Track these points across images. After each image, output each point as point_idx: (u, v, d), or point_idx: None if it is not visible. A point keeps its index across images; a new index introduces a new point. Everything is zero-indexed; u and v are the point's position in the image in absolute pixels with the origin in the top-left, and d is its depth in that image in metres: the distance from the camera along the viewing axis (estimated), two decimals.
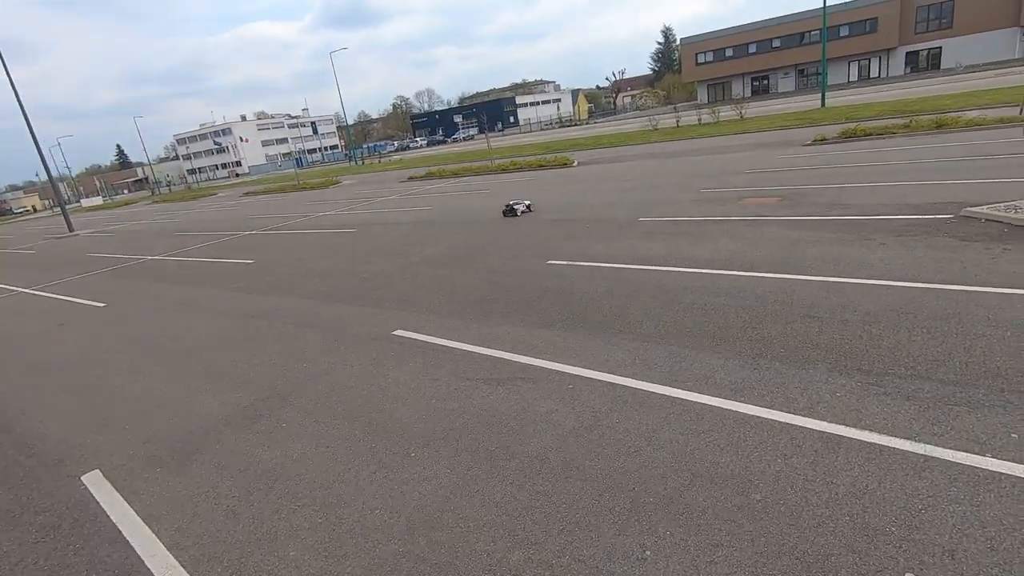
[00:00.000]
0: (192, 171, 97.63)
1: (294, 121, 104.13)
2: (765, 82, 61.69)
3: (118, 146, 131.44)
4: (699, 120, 30.70)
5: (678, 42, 79.11)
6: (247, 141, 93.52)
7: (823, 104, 29.59)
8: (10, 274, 15.86)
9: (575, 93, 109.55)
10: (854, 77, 55.91)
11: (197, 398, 4.97)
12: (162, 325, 7.70)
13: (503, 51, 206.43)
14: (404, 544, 2.80)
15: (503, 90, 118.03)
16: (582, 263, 7.45)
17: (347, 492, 3.28)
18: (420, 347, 5.37)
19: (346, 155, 73.25)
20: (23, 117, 25.81)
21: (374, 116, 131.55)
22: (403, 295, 7.24)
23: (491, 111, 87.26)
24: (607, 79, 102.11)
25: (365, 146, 78.17)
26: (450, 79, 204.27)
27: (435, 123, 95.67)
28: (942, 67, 51.47)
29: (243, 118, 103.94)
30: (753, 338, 4.51)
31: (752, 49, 59.87)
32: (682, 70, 68.44)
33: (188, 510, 3.36)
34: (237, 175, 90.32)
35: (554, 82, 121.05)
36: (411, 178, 26.94)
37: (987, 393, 3.33)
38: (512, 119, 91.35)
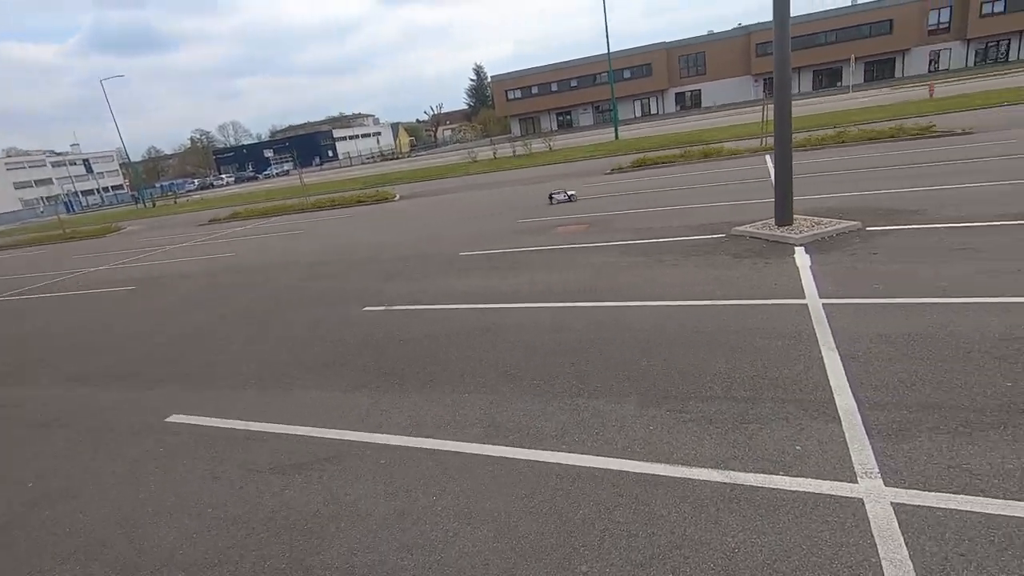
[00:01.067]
0: None
1: (59, 159, 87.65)
2: (568, 117, 68.00)
3: None
4: (514, 152, 32.40)
5: (489, 79, 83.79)
6: None
7: (616, 137, 33.30)
8: None
9: (395, 126, 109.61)
10: (639, 113, 64.37)
11: None
12: None
13: (317, 83, 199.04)
14: None
15: (319, 123, 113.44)
16: (401, 307, 6.97)
17: None
18: (201, 435, 4.38)
19: (133, 196, 63.39)
20: None
21: (167, 151, 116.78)
22: (186, 366, 6.03)
23: (306, 145, 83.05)
24: (425, 112, 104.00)
25: (158, 185, 68.68)
26: (260, 112, 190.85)
27: (243, 158, 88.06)
28: (703, 105, 61.65)
29: None
30: (571, 373, 4.43)
31: (555, 87, 65.72)
32: (495, 105, 72.40)
33: None
34: None
35: (373, 115, 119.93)
36: (213, 220, 24.00)
37: (772, 406, 3.57)
38: (331, 153, 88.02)
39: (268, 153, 73.43)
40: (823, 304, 5.05)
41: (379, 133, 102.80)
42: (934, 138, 14.94)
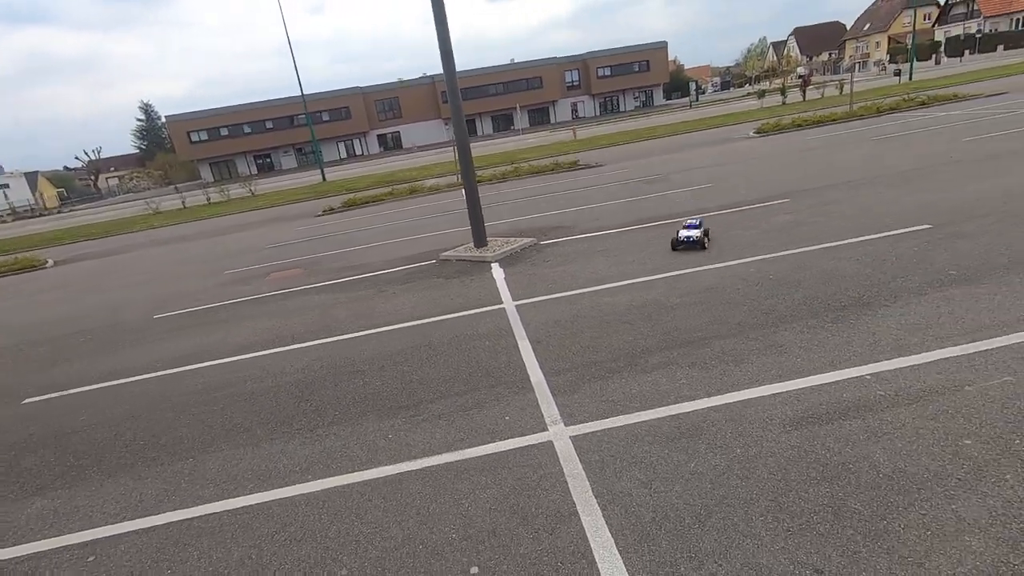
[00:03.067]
0: None
1: None
2: (268, 159, 64.25)
3: None
4: (208, 199, 29.23)
5: (164, 119, 73.48)
6: None
7: (323, 179, 33.02)
8: None
9: (32, 176, 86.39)
10: (344, 154, 64.79)
11: None
12: None
13: None
14: None
15: None
16: (79, 389, 5.80)
17: None
18: None
19: None
20: None
21: None
22: None
23: None
24: (78, 159, 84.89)
25: None
26: None
27: None
28: (404, 146, 65.55)
29: None
30: (308, 410, 4.47)
31: (248, 129, 61.41)
32: (175, 148, 63.81)
33: None
34: None
35: None
36: None
37: (487, 392, 4.29)
38: None
39: None
40: (515, 305, 6.19)
41: (7, 185, 79.56)
42: (579, 170, 19.19)
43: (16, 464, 4.37)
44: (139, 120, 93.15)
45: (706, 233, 7.27)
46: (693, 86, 71.19)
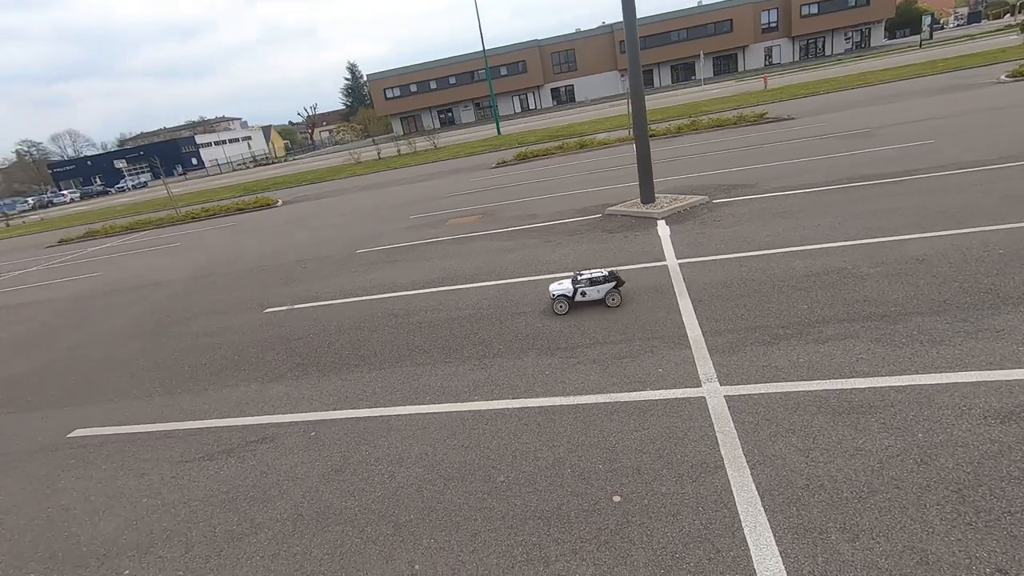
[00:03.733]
0: None
1: None
2: (450, 114, 68.39)
3: None
4: (398, 151, 32.31)
5: (365, 78, 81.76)
6: None
7: (498, 132, 34.36)
8: None
9: (267, 130, 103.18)
10: (518, 108, 66.33)
11: None
12: None
13: (167, 86, 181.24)
14: None
15: (177, 129, 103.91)
16: (304, 305, 7.11)
17: None
18: (113, 442, 4.37)
19: None
20: None
21: None
22: (75, 387, 5.78)
23: (166, 152, 75.72)
24: (299, 114, 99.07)
25: None
26: (99, 119, 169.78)
27: (88, 171, 78.38)
28: (576, 100, 64.95)
29: None
30: (476, 342, 4.99)
31: (433, 85, 65.72)
32: (374, 104, 70.92)
33: None
34: None
35: (240, 119, 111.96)
36: (62, 241, 21.53)
37: (642, 343, 4.38)
38: (195, 161, 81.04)
39: (119, 164, 65.85)
40: (679, 263, 6.06)
41: (249, 138, 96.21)
42: (767, 123, 17.38)
43: (261, 357, 5.60)
44: (346, 79, 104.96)
45: (615, 283, 5.16)
46: (927, 20, 58.54)
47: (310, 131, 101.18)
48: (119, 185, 68.34)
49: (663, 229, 7.54)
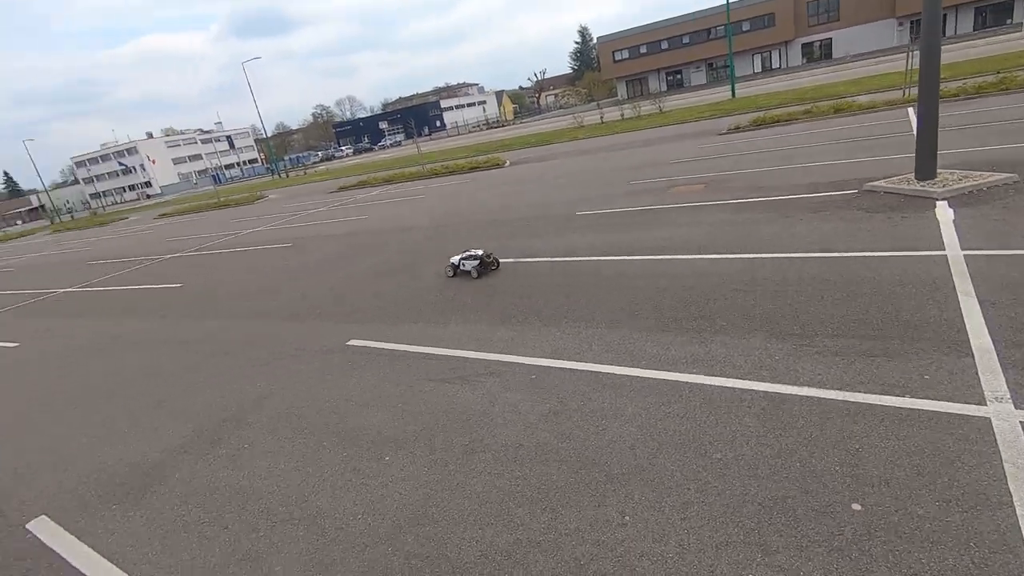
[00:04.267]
0: (96, 195, 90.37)
1: (207, 136, 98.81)
2: (679, 76, 64.69)
3: (4, 173, 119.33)
4: (622, 115, 31.84)
5: (595, 40, 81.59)
6: (155, 162, 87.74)
7: (733, 95, 31.47)
8: None
9: (499, 94, 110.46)
10: (758, 68, 59.65)
11: (144, 431, 4.73)
12: (88, 360, 7.20)
13: (425, 55, 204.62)
14: (392, 543, 2.84)
15: (427, 94, 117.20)
16: (527, 259, 7.63)
17: (325, 502, 3.27)
18: (377, 354, 5.35)
19: (268, 168, 70.31)
20: None
21: (294, 127, 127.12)
22: (350, 306, 7.15)
23: (417, 116, 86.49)
24: (529, 79, 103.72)
25: (287, 158, 75.40)
26: (372, 86, 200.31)
27: (360, 131, 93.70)
28: (834, 56, 55.75)
29: (149, 135, 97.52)
30: (697, 315, 4.82)
31: (664, 46, 62.62)
32: (601, 68, 70.56)
33: (156, 543, 3.23)
34: (148, 196, 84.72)
35: (478, 84, 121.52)
36: (341, 188, 26.32)
37: (900, 343, 3.75)
38: (439, 123, 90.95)
39: (383, 125, 77.64)
40: (964, 255, 4.96)
41: (484, 102, 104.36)
42: None
43: (491, 303, 6.22)
44: (576, 43, 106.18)
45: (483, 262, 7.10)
46: None
47: (537, 95, 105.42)
48: (381, 143, 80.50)
49: (944, 212, 6.20)
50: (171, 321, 8.27)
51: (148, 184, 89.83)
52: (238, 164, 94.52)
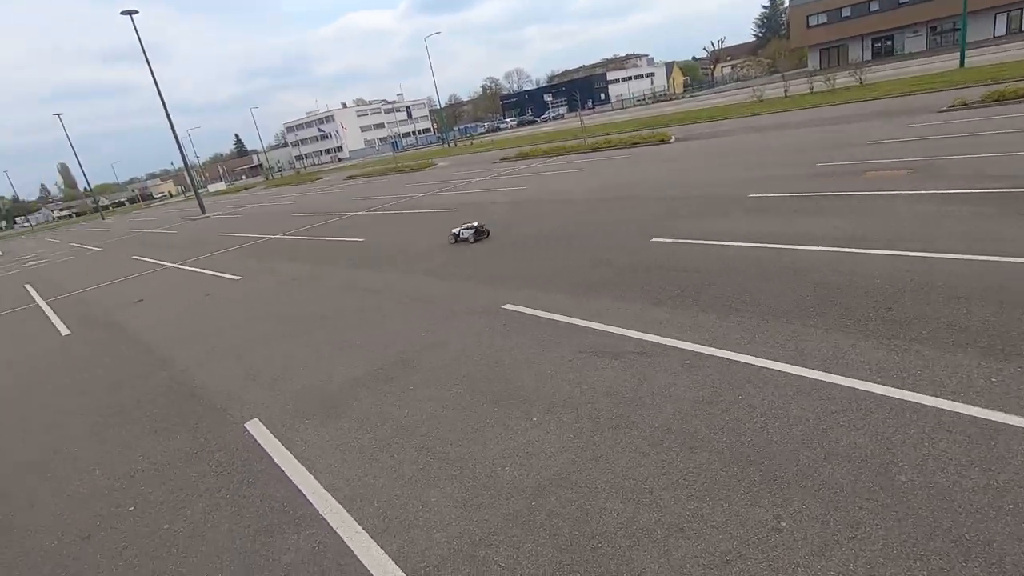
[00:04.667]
0: (299, 157, 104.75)
1: (390, 106, 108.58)
2: (888, 43, 55.56)
3: (236, 136, 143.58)
4: (811, 89, 28.36)
5: (786, 4, 73.19)
6: (347, 129, 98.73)
7: (962, 64, 26.23)
8: (160, 252, 18.08)
9: (669, 66, 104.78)
10: (1001, 31, 48.84)
11: (332, 361, 5.49)
12: (291, 296, 8.49)
13: (593, 27, 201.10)
14: (536, 500, 2.98)
15: (593, 66, 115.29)
16: (688, 240, 7.27)
17: (477, 450, 3.53)
18: (531, 321, 5.54)
19: (438, 138, 75.27)
20: (164, 114, 29.04)
21: (465, 99, 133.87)
22: (508, 272, 7.46)
23: (581, 88, 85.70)
24: (704, 49, 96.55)
25: (456, 128, 79.88)
26: (539, 59, 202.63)
27: (524, 103, 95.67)
28: None
29: (344, 105, 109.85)
30: (887, 319, 4.23)
31: (875, 7, 54.02)
32: (790, 35, 63.25)
33: (337, 457, 3.77)
34: (339, 160, 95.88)
35: (647, 55, 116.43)
36: (503, 159, 27.28)
37: None
38: (603, 96, 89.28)
39: (547, 97, 78.43)
40: None
41: (652, 74, 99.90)
42: None
43: (646, 281, 6.07)
44: (763, 7, 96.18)
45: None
46: None
47: (712, 67, 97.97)
48: (543, 116, 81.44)
49: None
50: (357, 270, 9.39)
51: (340, 149, 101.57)
52: (414, 133, 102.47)
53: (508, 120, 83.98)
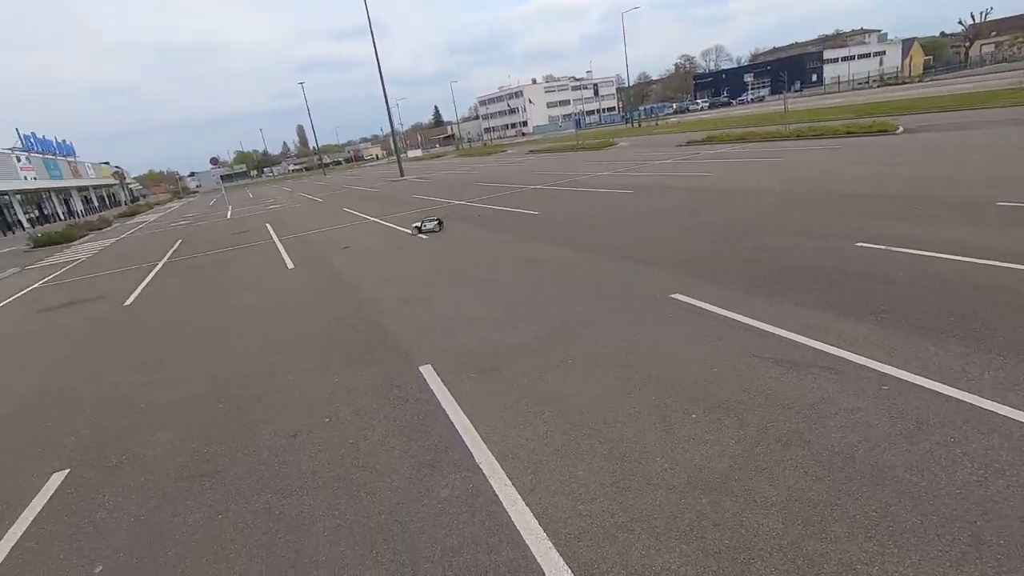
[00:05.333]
0: (487, 129, 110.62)
1: (577, 83, 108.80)
2: None
3: (435, 107, 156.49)
4: None
5: None
6: (533, 104, 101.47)
7: None
8: (365, 206, 20.64)
9: (907, 43, 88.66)
10: None
11: (500, 321, 5.82)
12: (471, 258, 9.14)
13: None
14: (686, 497, 2.88)
15: (807, 44, 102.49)
16: (906, 250, 6.22)
17: (629, 435, 3.50)
18: (699, 313, 5.26)
19: (622, 117, 73.70)
20: (381, 86, 32.71)
21: (654, 77, 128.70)
22: (680, 259, 7.13)
23: (790, 68, 76.86)
24: (961, 23, 79.60)
25: (642, 108, 77.35)
26: (744, 35, 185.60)
27: (720, 83, 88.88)
28: None
29: (533, 81, 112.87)
30: None
31: None
32: None
33: (495, 412, 4.03)
34: (523, 134, 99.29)
35: (879, 31, 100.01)
36: (689, 142, 25.82)
37: None
38: (815, 77, 79.16)
39: (747, 78, 71.88)
40: None
41: (882, 52, 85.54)
42: None
43: (842, 289, 5.35)
44: None
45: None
46: None
47: (967, 44, 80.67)
48: (740, 98, 75.00)
49: None
50: (529, 242, 9.75)
51: (524, 124, 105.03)
52: (598, 111, 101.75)
53: (699, 101, 78.92)
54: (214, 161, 48.93)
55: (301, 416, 4.48)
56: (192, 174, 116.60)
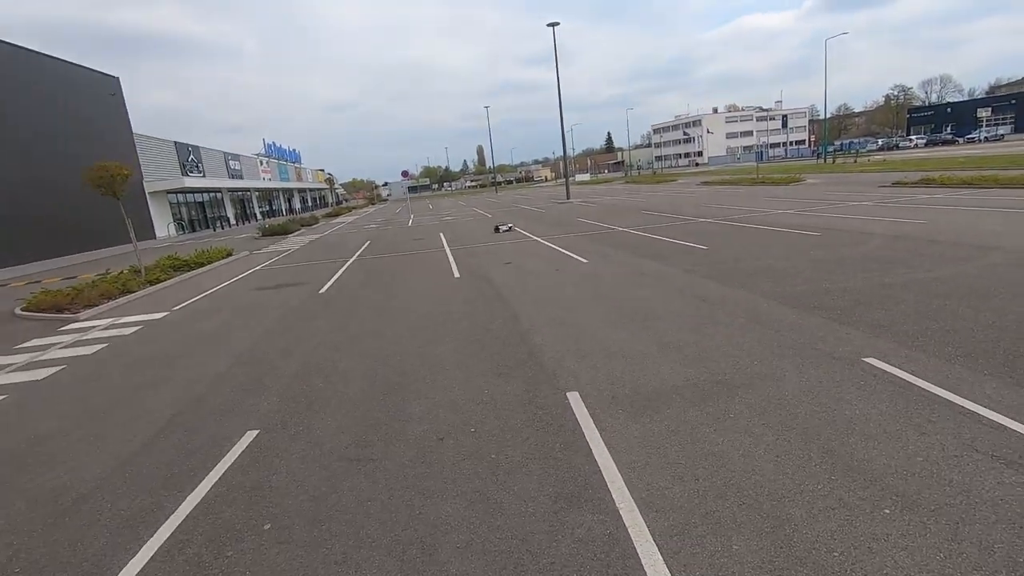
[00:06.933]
0: (659, 157, 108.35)
1: (764, 114, 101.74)
2: None
3: (608, 133, 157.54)
4: None
5: None
6: (712, 133, 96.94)
7: None
8: (530, 225, 21.36)
9: None
10: None
11: (654, 359, 5.51)
12: (626, 288, 8.88)
13: None
14: None
15: None
16: None
17: (798, 515, 3.02)
18: (900, 386, 4.43)
19: (813, 151, 66.92)
20: (559, 111, 33.83)
21: (857, 109, 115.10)
22: (878, 318, 6.12)
23: None
24: None
25: (838, 143, 69.51)
26: (982, 61, 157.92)
27: (943, 118, 76.38)
28: None
29: (714, 111, 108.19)
30: None
31: None
32: None
33: (641, 456, 3.78)
34: (696, 164, 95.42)
35: None
36: (896, 183, 22.47)
37: None
38: None
39: (982, 112, 60.59)
40: None
41: None
42: None
43: None
44: None
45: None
46: None
47: None
48: (969, 136, 63.64)
49: None
50: (695, 277, 9.20)
51: (699, 153, 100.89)
52: (784, 144, 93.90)
53: (912, 137, 68.50)
54: (404, 174, 54.86)
55: (450, 420, 4.66)
56: (385, 184, 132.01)
